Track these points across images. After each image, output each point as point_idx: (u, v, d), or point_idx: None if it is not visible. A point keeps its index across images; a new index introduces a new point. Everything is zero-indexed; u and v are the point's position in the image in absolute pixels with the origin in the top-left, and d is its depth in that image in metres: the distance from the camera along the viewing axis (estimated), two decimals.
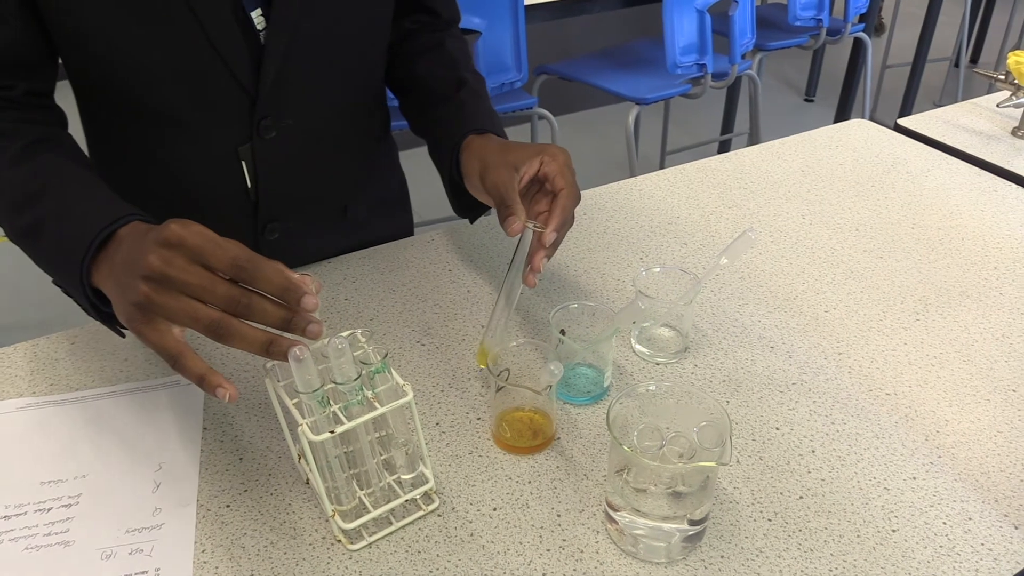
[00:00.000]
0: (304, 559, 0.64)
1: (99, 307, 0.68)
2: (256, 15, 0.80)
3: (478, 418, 0.77)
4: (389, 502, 0.65)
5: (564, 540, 0.66)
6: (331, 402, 0.60)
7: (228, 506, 0.68)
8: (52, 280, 0.73)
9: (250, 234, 0.94)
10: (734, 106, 3.33)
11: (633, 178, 1.20)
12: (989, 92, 1.50)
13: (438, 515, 0.68)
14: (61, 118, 0.83)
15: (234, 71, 0.81)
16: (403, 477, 0.67)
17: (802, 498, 0.69)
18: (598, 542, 0.65)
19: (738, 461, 0.73)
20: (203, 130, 0.85)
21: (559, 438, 0.75)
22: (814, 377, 0.82)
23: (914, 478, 0.71)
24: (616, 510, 0.64)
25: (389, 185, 1.11)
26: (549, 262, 0.81)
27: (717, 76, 2.47)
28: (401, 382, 0.62)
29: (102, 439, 0.75)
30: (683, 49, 2.33)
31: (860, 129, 1.36)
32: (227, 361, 0.83)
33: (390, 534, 0.66)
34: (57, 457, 0.73)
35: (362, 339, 0.65)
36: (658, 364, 0.84)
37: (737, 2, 2.41)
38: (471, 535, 0.66)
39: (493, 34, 2.13)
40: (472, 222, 0.97)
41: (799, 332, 0.89)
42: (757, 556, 0.64)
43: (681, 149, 3.25)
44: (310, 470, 0.62)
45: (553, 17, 2.40)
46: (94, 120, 0.89)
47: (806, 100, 3.99)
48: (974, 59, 4.40)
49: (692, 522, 0.63)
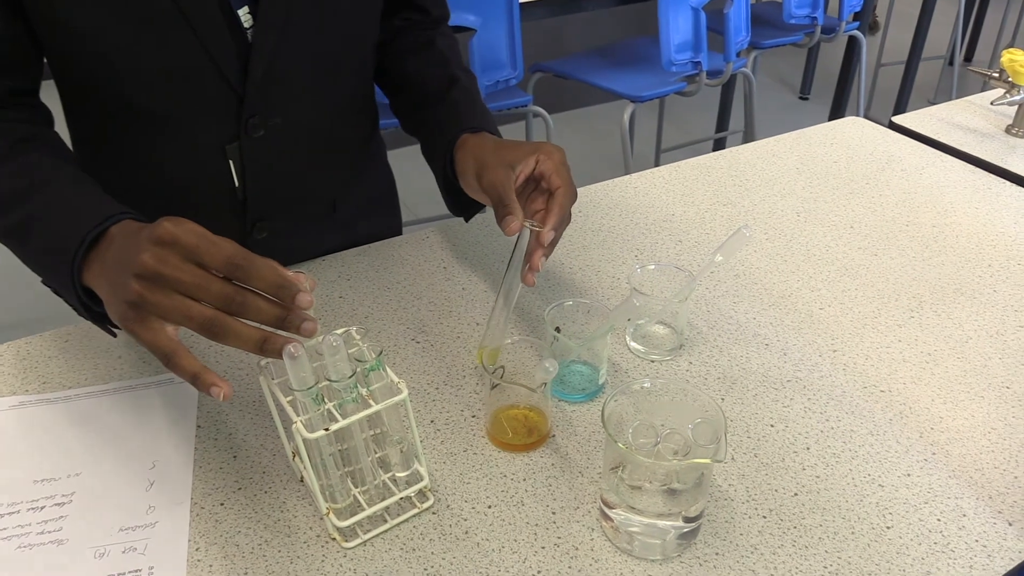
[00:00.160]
0: (298, 557, 0.64)
1: (90, 307, 0.67)
2: (243, 13, 0.80)
3: (473, 416, 0.77)
4: (384, 500, 0.65)
5: (559, 538, 0.66)
6: (325, 400, 0.60)
7: (222, 504, 0.68)
8: (41, 280, 0.73)
9: (238, 233, 0.93)
10: (729, 104, 3.33)
11: (628, 175, 1.20)
12: (983, 90, 1.51)
13: (433, 513, 0.68)
14: (47, 117, 0.83)
15: (221, 69, 0.81)
16: (398, 475, 0.66)
17: (797, 495, 0.69)
18: (593, 539, 0.65)
19: (733, 458, 0.73)
20: (190, 128, 0.85)
21: (554, 435, 0.75)
22: (809, 374, 0.82)
23: (908, 475, 0.72)
24: (611, 507, 0.64)
25: (378, 184, 1.10)
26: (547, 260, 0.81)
27: (712, 74, 2.47)
28: (396, 379, 0.62)
29: (95, 437, 0.75)
30: (678, 47, 2.33)
31: (854, 127, 1.36)
32: (221, 359, 0.83)
33: (385, 532, 0.66)
34: (50, 455, 0.73)
35: (356, 336, 0.64)
36: (653, 361, 0.84)
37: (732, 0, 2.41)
38: (466, 533, 0.66)
39: (488, 32, 2.13)
40: (467, 220, 0.97)
41: (794, 329, 0.89)
42: (752, 553, 0.64)
43: (676, 147, 3.25)
44: (304, 468, 0.62)
45: (548, 15, 2.40)
46: (79, 118, 0.88)
47: (801, 98, 3.99)
48: (968, 57, 4.41)
49: (687, 519, 0.63)
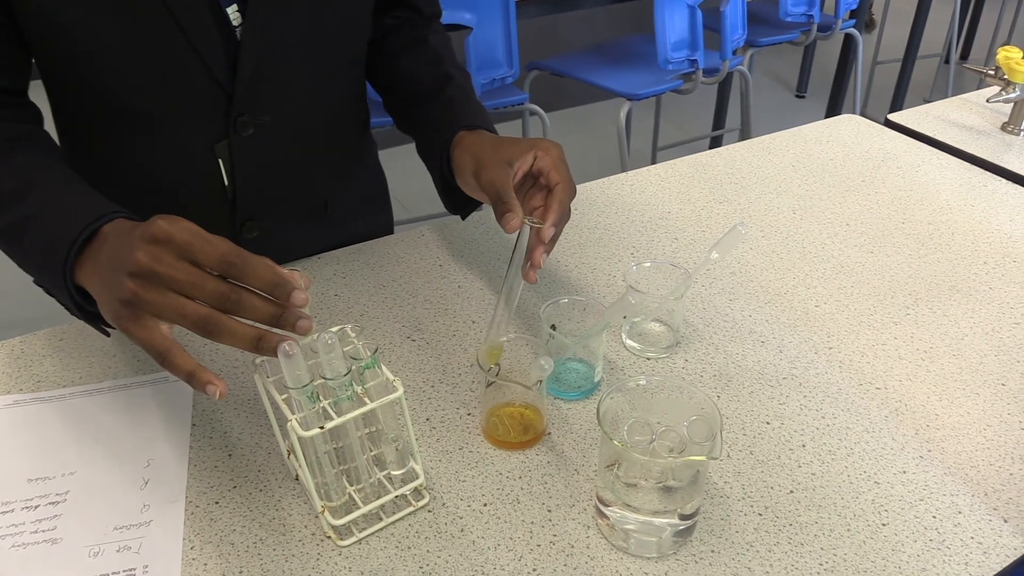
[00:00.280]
0: (293, 555, 0.64)
1: (83, 306, 0.67)
2: (232, 11, 0.79)
3: (468, 413, 0.77)
4: (379, 498, 0.65)
5: (555, 535, 0.66)
6: (321, 398, 0.60)
7: (217, 502, 0.68)
8: (33, 280, 0.72)
9: (227, 232, 0.92)
10: (725, 102, 3.33)
11: (624, 173, 1.20)
12: (979, 87, 1.51)
13: (428, 511, 0.67)
14: (37, 115, 0.82)
15: (210, 67, 0.80)
16: (393, 473, 0.66)
17: (792, 492, 0.69)
18: (589, 537, 0.65)
19: (728, 456, 0.73)
20: (179, 127, 0.84)
21: (550, 433, 0.75)
22: (804, 371, 0.82)
23: (904, 472, 0.72)
24: (607, 505, 0.64)
25: (369, 183, 1.10)
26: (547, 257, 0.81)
27: (708, 72, 2.47)
28: (391, 377, 0.62)
29: (89, 436, 0.74)
30: (674, 45, 2.33)
31: (850, 124, 1.36)
32: (216, 357, 0.82)
33: (380, 530, 0.66)
34: (44, 454, 0.73)
35: (352, 334, 0.64)
36: (649, 359, 0.84)
37: None
38: (461, 531, 0.66)
39: (484, 30, 2.13)
40: (464, 219, 0.97)
41: (790, 327, 0.89)
42: (748, 550, 0.64)
43: (672, 145, 3.25)
44: (299, 466, 0.62)
45: (544, 13, 2.40)
46: (67, 117, 0.88)
47: (797, 96, 3.99)
48: (964, 55, 4.41)
49: (683, 516, 0.63)
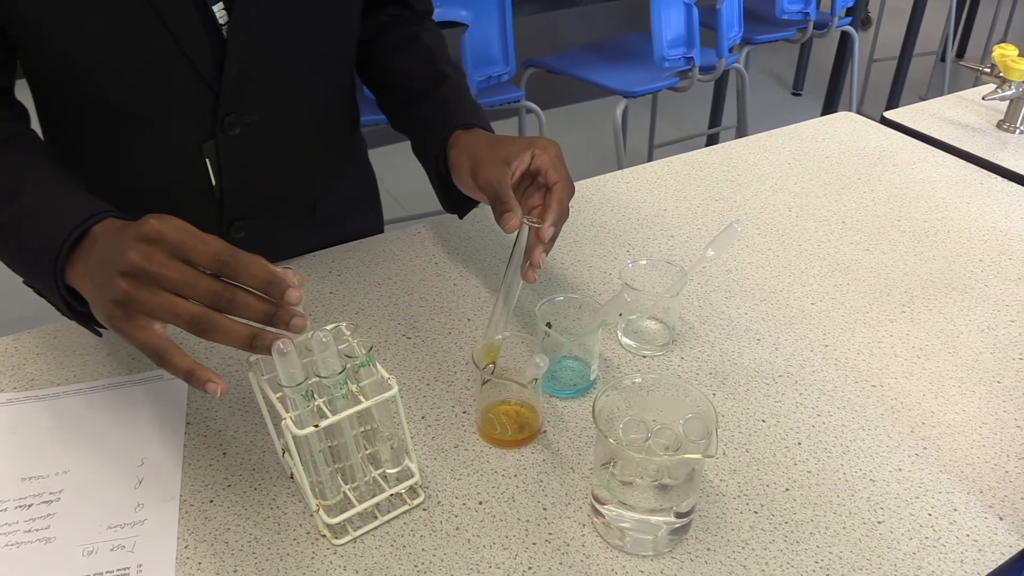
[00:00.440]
0: (288, 554, 0.63)
1: (74, 307, 0.66)
2: (218, 9, 0.78)
3: (464, 411, 0.77)
4: (374, 496, 0.65)
5: (550, 534, 0.65)
6: (315, 396, 0.60)
7: (211, 501, 0.68)
8: (23, 281, 0.71)
9: (215, 233, 0.92)
10: (722, 100, 3.33)
11: (620, 171, 1.19)
12: (975, 85, 1.51)
13: (423, 509, 0.67)
14: (23, 114, 0.81)
15: (196, 66, 0.80)
16: (388, 471, 0.66)
17: (788, 490, 0.69)
18: (584, 535, 0.65)
19: (724, 453, 0.73)
20: (165, 127, 0.83)
21: (545, 431, 0.75)
22: (800, 369, 0.82)
23: (900, 470, 0.72)
24: (602, 503, 0.64)
25: (359, 182, 1.09)
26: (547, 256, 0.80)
27: (704, 69, 2.47)
28: (386, 375, 0.62)
29: (84, 435, 0.74)
30: (670, 42, 2.33)
31: (846, 122, 1.36)
32: (210, 356, 0.82)
33: (375, 528, 0.66)
34: (38, 453, 0.72)
35: (347, 332, 0.64)
36: (644, 357, 0.84)
37: None
38: (456, 529, 0.66)
39: (480, 27, 2.12)
40: (461, 218, 0.97)
41: (785, 324, 0.89)
42: (743, 548, 0.64)
43: (669, 143, 3.25)
44: (294, 464, 0.62)
45: (540, 10, 2.40)
46: (52, 117, 0.87)
47: (793, 94, 4.00)
48: (960, 53, 4.41)
49: (678, 515, 0.63)
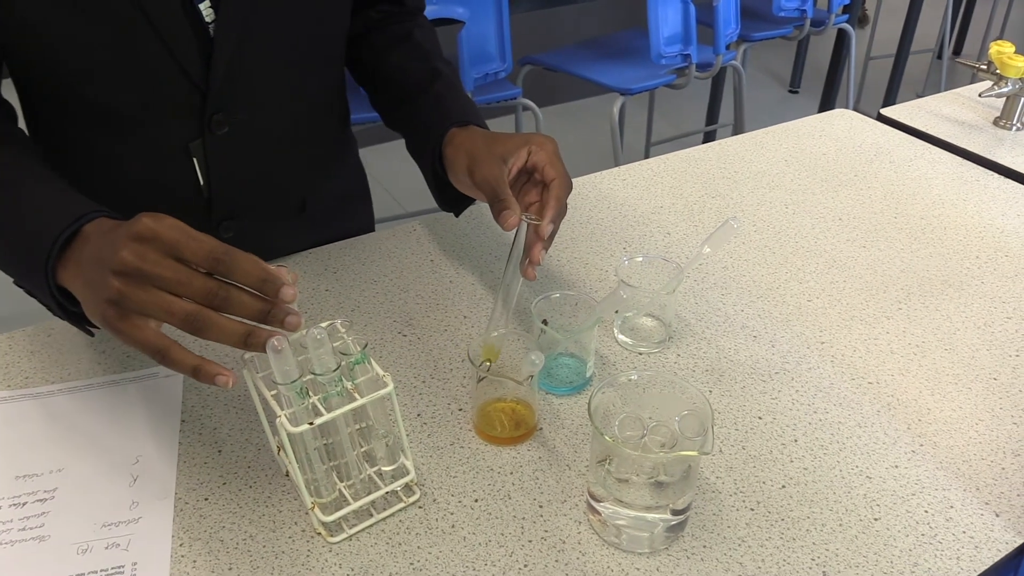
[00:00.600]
0: (283, 552, 0.63)
1: (66, 307, 0.65)
2: (205, 7, 0.78)
3: (460, 409, 0.76)
4: (369, 494, 0.65)
5: (546, 531, 0.65)
6: (310, 393, 0.60)
7: (206, 499, 0.68)
8: (13, 281, 0.71)
9: (203, 231, 0.92)
10: (719, 97, 3.33)
11: (616, 168, 1.19)
12: (972, 83, 1.51)
13: (419, 507, 0.67)
14: (10, 113, 0.81)
15: (183, 65, 0.79)
16: (384, 469, 0.66)
17: (784, 487, 0.69)
18: (580, 533, 0.65)
19: (720, 451, 0.73)
20: (152, 126, 0.83)
21: (541, 429, 0.75)
22: (797, 366, 0.82)
23: (896, 466, 0.71)
24: (598, 500, 0.64)
25: (349, 180, 1.09)
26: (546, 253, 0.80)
27: (702, 67, 2.47)
28: (381, 373, 0.62)
29: (78, 432, 0.74)
30: (667, 39, 2.33)
31: (843, 119, 1.36)
32: (205, 353, 0.81)
33: (371, 526, 0.65)
34: (32, 451, 0.72)
35: (341, 329, 0.64)
36: (641, 354, 0.84)
37: None
38: (452, 527, 0.66)
39: (477, 24, 2.12)
40: (457, 216, 0.96)
41: (782, 321, 0.89)
42: (740, 545, 0.64)
43: (666, 140, 3.25)
44: (289, 462, 0.61)
45: (537, 7, 2.40)
46: (37, 117, 0.86)
47: (790, 91, 4.00)
48: (957, 51, 4.41)
49: (675, 512, 0.63)
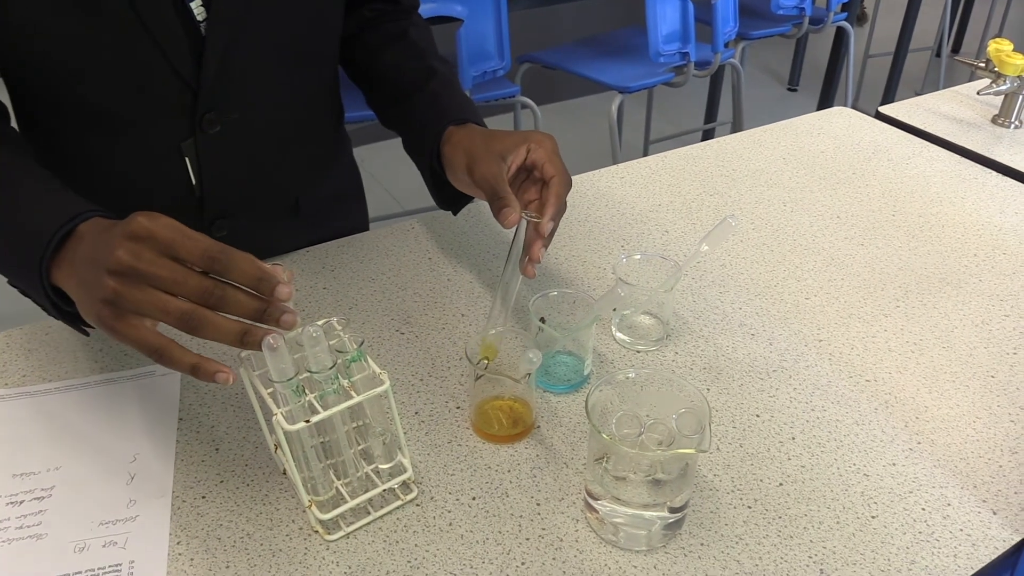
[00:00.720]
0: (281, 550, 0.63)
1: (60, 306, 0.65)
2: (196, 5, 0.77)
3: (457, 407, 0.76)
4: (367, 492, 0.65)
5: (543, 529, 0.65)
6: (307, 391, 0.60)
7: (204, 497, 0.68)
8: (7, 281, 0.71)
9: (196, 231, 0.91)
10: (717, 95, 3.33)
11: (614, 166, 1.19)
12: (970, 80, 1.51)
13: (416, 505, 0.67)
14: (2, 112, 0.80)
15: (174, 64, 0.78)
16: (381, 467, 0.66)
17: (782, 485, 0.69)
18: (578, 531, 0.65)
19: (718, 448, 0.73)
20: (143, 126, 0.82)
21: (539, 427, 0.75)
22: (795, 364, 0.82)
23: (894, 464, 0.71)
24: (596, 498, 0.64)
25: (343, 179, 1.09)
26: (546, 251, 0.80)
27: (700, 65, 2.47)
28: (378, 370, 0.62)
29: (76, 431, 0.74)
30: (666, 37, 2.33)
31: (841, 117, 1.36)
32: (201, 352, 0.81)
33: (368, 524, 0.65)
34: (29, 449, 0.72)
35: (338, 327, 0.64)
36: (639, 352, 0.84)
37: None
38: (450, 524, 0.65)
39: (475, 22, 2.12)
40: (455, 214, 0.96)
41: (780, 319, 0.89)
42: (737, 543, 0.64)
43: (665, 138, 3.25)
44: (286, 460, 0.61)
45: (535, 4, 2.40)
46: (28, 116, 0.86)
47: (789, 89, 4.00)
48: (956, 49, 4.42)
49: (672, 510, 0.63)
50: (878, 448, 0.73)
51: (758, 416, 0.76)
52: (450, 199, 0.92)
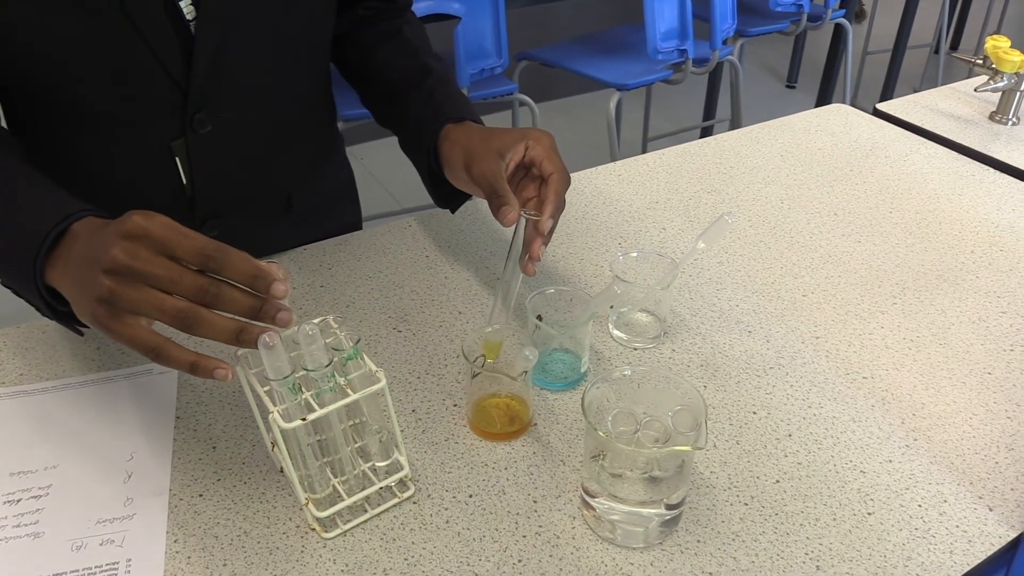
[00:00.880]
0: (278, 548, 0.63)
1: (54, 306, 0.65)
2: (185, 4, 0.77)
3: (454, 405, 0.76)
4: (364, 490, 0.65)
5: (540, 526, 0.65)
6: (303, 389, 0.60)
7: (201, 495, 0.68)
8: (1, 281, 0.70)
9: None
10: (716, 92, 3.32)
11: (612, 163, 1.19)
12: (969, 77, 1.51)
13: (413, 502, 0.67)
14: None
15: (164, 63, 0.78)
16: (378, 464, 0.66)
17: (778, 482, 0.69)
18: (575, 528, 0.65)
19: (715, 445, 0.73)
20: (133, 126, 0.82)
21: (536, 424, 0.75)
22: (791, 361, 0.82)
23: (890, 461, 0.72)
24: (593, 496, 0.64)
25: (335, 178, 1.08)
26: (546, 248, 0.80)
27: (698, 62, 2.47)
28: (374, 368, 0.62)
29: (73, 429, 0.74)
30: (664, 35, 2.32)
31: (839, 114, 1.36)
32: (197, 351, 0.82)
33: (365, 522, 0.65)
34: (26, 448, 0.72)
35: (334, 325, 0.64)
36: (636, 349, 0.84)
37: None
38: (447, 522, 0.66)
39: (473, 20, 2.12)
40: (453, 212, 0.96)
41: (777, 316, 0.89)
42: (734, 540, 0.64)
43: (663, 136, 3.25)
44: (283, 458, 0.61)
45: (534, 2, 2.39)
46: (16, 116, 0.85)
47: (787, 86, 3.99)
48: (954, 46, 4.41)
49: (669, 507, 0.63)
50: (874, 445, 0.73)
51: (755, 413, 0.76)
52: (448, 197, 0.92)
